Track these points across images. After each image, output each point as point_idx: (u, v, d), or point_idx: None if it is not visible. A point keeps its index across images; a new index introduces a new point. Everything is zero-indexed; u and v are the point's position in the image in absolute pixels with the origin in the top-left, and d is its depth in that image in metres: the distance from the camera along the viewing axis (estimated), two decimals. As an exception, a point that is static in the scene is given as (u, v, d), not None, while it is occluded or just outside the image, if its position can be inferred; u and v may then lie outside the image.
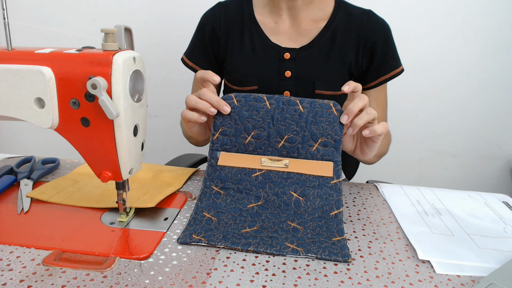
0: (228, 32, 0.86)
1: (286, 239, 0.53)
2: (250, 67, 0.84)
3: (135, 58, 0.49)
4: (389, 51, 0.85)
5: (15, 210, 0.60)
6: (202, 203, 0.60)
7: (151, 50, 1.57)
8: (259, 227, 0.55)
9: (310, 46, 0.82)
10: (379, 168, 1.66)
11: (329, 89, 0.82)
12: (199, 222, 0.56)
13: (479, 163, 1.68)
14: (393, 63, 0.85)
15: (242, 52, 0.85)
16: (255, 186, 0.61)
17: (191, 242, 0.51)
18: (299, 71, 0.82)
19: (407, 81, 1.57)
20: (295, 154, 0.62)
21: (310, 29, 0.83)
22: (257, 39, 0.84)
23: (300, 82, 0.82)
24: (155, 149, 1.73)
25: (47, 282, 0.44)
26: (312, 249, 0.51)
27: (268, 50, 0.84)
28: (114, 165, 0.51)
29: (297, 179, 0.61)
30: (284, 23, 0.84)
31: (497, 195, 0.71)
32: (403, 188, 0.73)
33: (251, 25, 0.85)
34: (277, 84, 0.83)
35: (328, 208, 0.58)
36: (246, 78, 0.84)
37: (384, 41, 0.84)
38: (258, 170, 0.62)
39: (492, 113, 1.61)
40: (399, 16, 1.47)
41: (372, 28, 0.83)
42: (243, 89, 0.85)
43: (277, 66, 0.83)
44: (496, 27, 1.49)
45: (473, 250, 0.53)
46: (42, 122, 0.49)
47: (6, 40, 0.50)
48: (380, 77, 0.85)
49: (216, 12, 0.88)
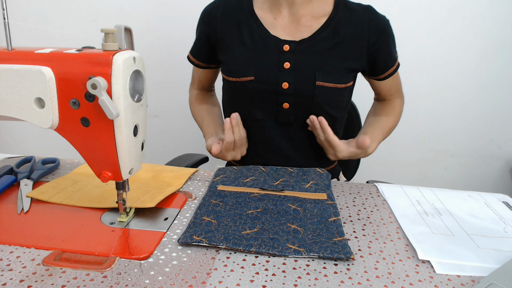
0: (226, 24, 0.86)
1: (287, 240, 0.53)
2: (248, 58, 0.83)
3: (135, 58, 0.49)
4: (393, 44, 0.88)
5: (15, 210, 0.60)
6: (201, 210, 0.61)
7: (151, 50, 1.57)
8: (259, 228, 0.56)
9: (311, 39, 0.83)
10: (379, 168, 1.67)
11: (331, 81, 0.82)
12: (199, 225, 0.56)
13: (479, 163, 1.68)
14: (396, 56, 0.90)
15: (240, 43, 0.85)
16: (254, 201, 0.64)
17: (192, 243, 0.51)
18: (298, 63, 0.82)
19: (407, 81, 1.57)
20: (290, 189, 0.69)
21: (311, 24, 0.83)
22: (256, 31, 0.84)
23: (300, 73, 0.82)
24: (155, 149, 1.73)
25: (47, 282, 0.44)
26: (314, 249, 0.51)
27: (267, 42, 0.83)
28: (114, 165, 0.51)
29: (294, 199, 0.65)
30: (283, 19, 0.84)
31: (497, 195, 0.71)
32: (403, 188, 0.73)
33: (250, 18, 0.85)
34: (276, 75, 0.82)
35: (326, 215, 0.60)
36: (242, 69, 0.83)
37: (387, 36, 0.86)
38: (256, 193, 0.67)
39: (492, 114, 1.61)
40: (400, 16, 1.47)
41: (375, 23, 0.84)
42: (239, 79, 0.84)
43: (276, 58, 0.82)
44: (496, 28, 1.49)
45: (473, 250, 0.53)
46: (42, 122, 0.49)
47: (6, 40, 0.50)
48: (389, 70, 0.89)
49: (214, 6, 0.89)
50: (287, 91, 0.82)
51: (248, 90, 0.84)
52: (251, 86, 0.83)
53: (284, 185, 0.70)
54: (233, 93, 0.88)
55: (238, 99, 0.87)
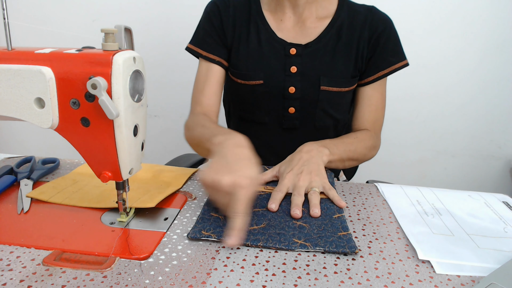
0: (236, 23, 0.84)
1: (293, 235, 0.54)
2: (256, 61, 0.83)
3: (135, 58, 0.49)
4: (390, 46, 0.84)
5: (15, 210, 0.60)
6: (209, 206, 0.61)
7: (151, 50, 1.57)
8: (266, 224, 0.57)
9: (316, 42, 0.82)
10: (379, 168, 1.67)
11: (334, 86, 0.81)
12: (207, 220, 0.57)
13: (479, 163, 1.68)
14: (393, 59, 0.84)
15: (248, 46, 0.83)
16: (260, 199, 0.65)
17: (201, 238, 0.52)
18: (305, 67, 0.81)
19: (408, 81, 1.57)
20: None
21: (315, 26, 0.83)
22: (263, 33, 0.83)
23: (306, 78, 0.82)
24: (155, 149, 1.73)
25: (47, 282, 0.44)
26: (320, 243, 0.52)
27: (274, 45, 0.83)
28: (114, 165, 0.51)
29: None
30: (289, 20, 0.84)
31: (497, 195, 0.71)
32: (403, 188, 0.73)
33: (258, 19, 0.84)
34: (283, 79, 0.82)
35: (330, 212, 0.61)
36: (251, 72, 0.83)
37: (387, 35, 0.83)
38: (262, 191, 0.67)
39: (493, 114, 1.61)
40: (400, 16, 1.46)
41: (375, 23, 0.83)
42: (248, 83, 0.83)
43: (283, 61, 0.82)
44: (497, 28, 1.49)
45: (473, 250, 0.53)
46: (42, 122, 0.49)
47: (6, 40, 0.50)
48: (378, 72, 0.84)
49: (225, 1, 0.85)
50: (293, 95, 0.82)
51: (256, 94, 0.83)
52: (260, 90, 0.82)
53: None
54: (240, 95, 0.86)
55: (244, 102, 0.86)
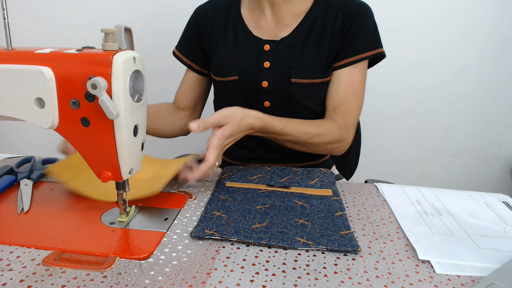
0: (214, 26, 0.90)
1: (296, 234, 0.54)
2: (232, 59, 0.87)
3: (135, 58, 0.49)
4: (361, 34, 0.82)
5: (15, 210, 0.60)
6: (211, 205, 0.62)
7: (151, 50, 1.57)
8: (268, 223, 0.57)
9: (289, 38, 0.84)
10: (378, 168, 1.67)
11: (305, 77, 0.83)
12: (210, 219, 0.57)
13: (479, 163, 1.68)
14: (361, 48, 0.81)
15: (225, 45, 0.88)
16: (262, 197, 0.65)
17: (204, 236, 0.53)
18: (277, 62, 0.84)
19: (407, 80, 1.57)
20: (296, 185, 0.70)
21: (291, 23, 0.85)
22: (240, 33, 0.87)
23: (277, 72, 0.84)
24: (155, 149, 1.73)
25: (47, 282, 0.44)
26: (322, 242, 0.52)
27: (250, 42, 0.86)
28: (114, 165, 0.51)
29: (300, 195, 0.66)
30: (266, 18, 0.86)
31: (497, 195, 0.71)
32: (403, 188, 0.73)
33: (236, 20, 0.88)
34: (256, 74, 0.85)
35: (332, 210, 0.61)
36: (227, 69, 0.87)
37: (359, 23, 0.81)
38: (263, 189, 0.68)
39: (492, 113, 1.60)
40: (399, 15, 1.47)
41: (348, 11, 0.82)
42: (224, 79, 0.88)
43: (257, 58, 0.85)
44: (496, 26, 1.49)
45: (473, 250, 0.53)
46: (42, 122, 0.49)
47: (6, 40, 0.50)
48: (346, 59, 0.82)
49: (206, 6, 0.92)
50: (266, 89, 0.85)
51: (232, 90, 0.88)
52: (235, 86, 0.87)
53: (290, 181, 0.71)
54: (220, 93, 0.93)
55: (224, 98, 0.92)
